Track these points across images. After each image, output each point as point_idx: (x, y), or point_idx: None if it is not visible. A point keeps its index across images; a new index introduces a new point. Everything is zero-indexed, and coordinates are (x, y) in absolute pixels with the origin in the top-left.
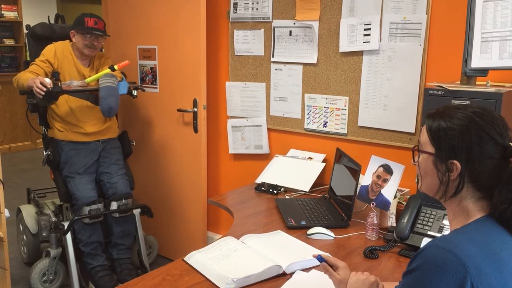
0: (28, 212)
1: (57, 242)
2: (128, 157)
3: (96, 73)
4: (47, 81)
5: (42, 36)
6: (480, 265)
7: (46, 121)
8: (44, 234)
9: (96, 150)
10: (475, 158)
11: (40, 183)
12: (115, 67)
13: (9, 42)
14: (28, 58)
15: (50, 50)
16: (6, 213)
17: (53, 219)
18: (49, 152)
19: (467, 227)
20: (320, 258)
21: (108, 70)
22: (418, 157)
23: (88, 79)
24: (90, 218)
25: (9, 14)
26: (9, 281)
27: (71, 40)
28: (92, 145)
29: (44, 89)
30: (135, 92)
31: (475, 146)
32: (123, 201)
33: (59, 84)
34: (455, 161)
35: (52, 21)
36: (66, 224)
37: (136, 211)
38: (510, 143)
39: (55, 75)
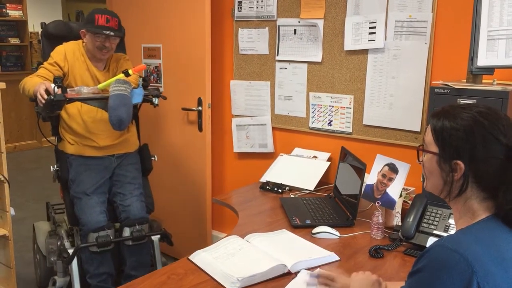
0: (42, 230)
1: (64, 270)
2: (148, 174)
3: (113, 77)
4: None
5: (56, 36)
6: (486, 265)
7: (58, 131)
8: (52, 259)
9: (109, 167)
10: (479, 158)
11: (46, 183)
12: (130, 71)
13: (14, 41)
14: (42, 60)
15: (59, 52)
16: (12, 211)
17: (65, 243)
18: (58, 168)
19: (473, 226)
20: (314, 276)
21: (121, 75)
22: (423, 157)
23: (100, 85)
24: (97, 246)
25: (14, 13)
26: (14, 280)
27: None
28: (105, 161)
29: (46, 97)
30: (156, 100)
31: (479, 147)
32: (137, 227)
33: (62, 91)
34: (458, 162)
35: (73, 19)
36: (71, 251)
37: (155, 238)
38: None
39: (57, 81)
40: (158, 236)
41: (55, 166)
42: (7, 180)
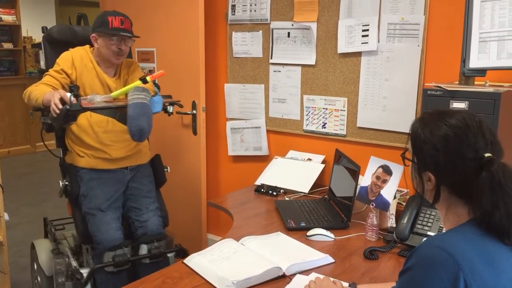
0: (43, 248)
1: None
2: (161, 186)
3: (125, 84)
4: (68, 96)
5: (60, 40)
6: (473, 262)
7: (64, 143)
8: (60, 280)
9: (123, 180)
10: (448, 173)
11: (40, 188)
12: (148, 78)
13: (7, 46)
14: (44, 67)
15: (66, 59)
16: (6, 216)
17: (73, 263)
18: (67, 182)
19: (461, 227)
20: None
21: (138, 82)
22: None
23: (114, 93)
24: (114, 266)
25: (8, 18)
26: (9, 285)
27: (91, 45)
28: (118, 174)
29: (60, 106)
30: (171, 109)
31: (442, 162)
32: (155, 243)
33: (78, 100)
34: (430, 174)
35: (74, 23)
36: (84, 272)
37: (171, 254)
38: (485, 155)
39: (73, 89)
40: (174, 252)
41: (64, 180)
42: (0, 185)
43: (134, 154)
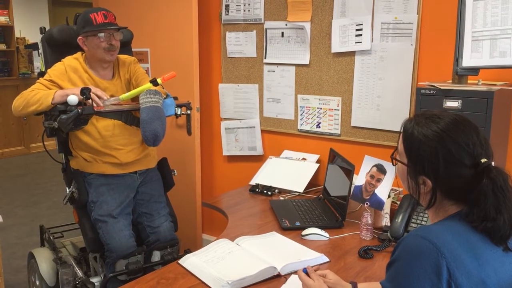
0: (44, 258)
1: None
2: (169, 190)
3: (127, 83)
4: (73, 99)
5: (61, 42)
6: (456, 252)
7: (67, 148)
8: None
9: (133, 185)
10: (443, 178)
11: (33, 189)
12: (159, 80)
13: (0, 47)
14: (43, 69)
15: (59, 70)
16: None
17: (79, 273)
18: (74, 189)
19: (446, 219)
20: (305, 271)
21: (149, 85)
22: (397, 163)
23: (123, 96)
24: (128, 274)
25: (0, 19)
26: (3, 287)
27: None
28: (127, 179)
29: (105, 97)
30: (179, 111)
31: (443, 169)
32: (168, 249)
33: (91, 103)
34: (425, 178)
35: (71, 23)
36: (95, 281)
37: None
38: (482, 160)
39: (85, 92)
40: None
41: (71, 187)
42: None
43: (143, 158)
